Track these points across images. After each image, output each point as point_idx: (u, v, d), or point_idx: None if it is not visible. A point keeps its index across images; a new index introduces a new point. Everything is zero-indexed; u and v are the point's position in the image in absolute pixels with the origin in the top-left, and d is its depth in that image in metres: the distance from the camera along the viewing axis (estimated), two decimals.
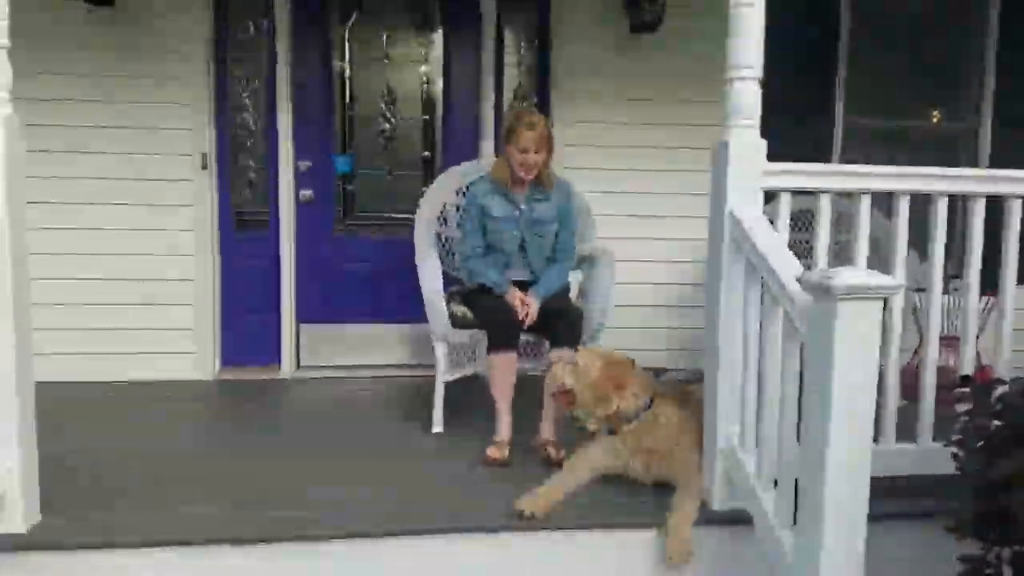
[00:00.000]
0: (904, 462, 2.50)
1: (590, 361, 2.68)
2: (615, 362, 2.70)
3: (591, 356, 2.72)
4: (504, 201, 3.24)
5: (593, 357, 2.70)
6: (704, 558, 2.41)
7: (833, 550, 1.87)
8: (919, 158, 4.76)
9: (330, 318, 4.43)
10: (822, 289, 1.84)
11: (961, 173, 2.61)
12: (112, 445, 3.06)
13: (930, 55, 4.77)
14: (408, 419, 3.49)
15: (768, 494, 2.21)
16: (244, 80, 4.23)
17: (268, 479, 2.72)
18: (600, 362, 2.67)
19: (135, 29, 3.95)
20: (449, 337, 3.24)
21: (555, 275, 3.28)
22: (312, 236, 4.37)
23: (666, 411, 2.66)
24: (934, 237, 2.52)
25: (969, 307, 2.56)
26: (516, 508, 2.43)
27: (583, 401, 2.66)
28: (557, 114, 4.25)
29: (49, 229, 3.90)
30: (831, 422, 1.84)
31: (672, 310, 4.46)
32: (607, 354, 2.76)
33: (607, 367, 2.66)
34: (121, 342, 4.08)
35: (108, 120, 3.97)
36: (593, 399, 2.63)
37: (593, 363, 2.66)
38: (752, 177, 2.39)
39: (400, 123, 4.42)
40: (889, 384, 2.52)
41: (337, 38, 4.32)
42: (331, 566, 2.32)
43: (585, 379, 2.64)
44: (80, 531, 2.29)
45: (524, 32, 4.42)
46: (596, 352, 2.78)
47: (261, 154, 4.27)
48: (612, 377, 2.63)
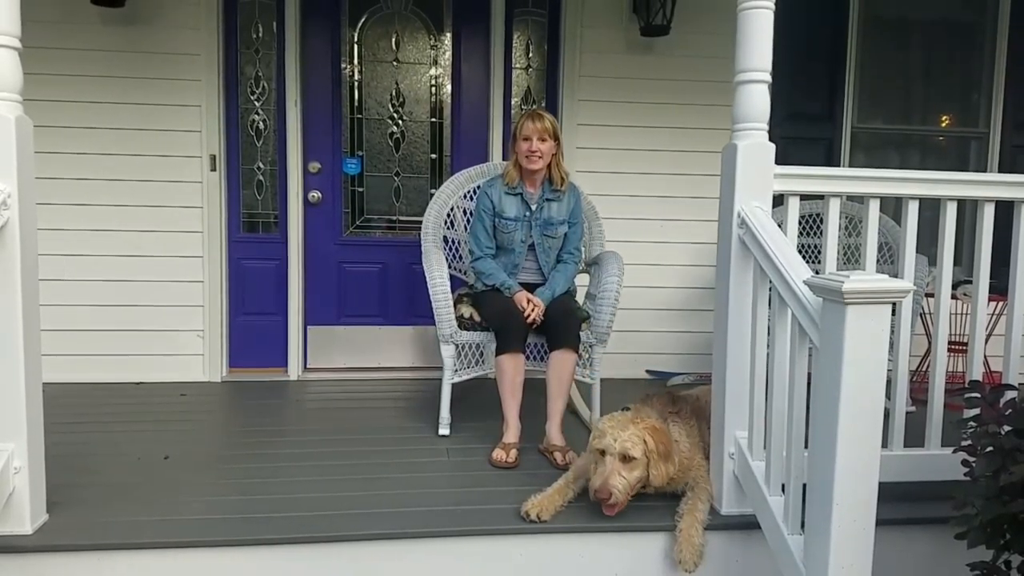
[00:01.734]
0: (913, 467, 2.49)
1: (633, 462, 2.38)
2: (654, 441, 2.40)
3: (632, 446, 2.37)
4: (517, 202, 3.25)
5: (633, 449, 2.37)
6: (713, 562, 2.41)
7: (841, 555, 1.86)
8: (929, 163, 4.80)
9: (338, 320, 4.45)
10: (831, 292, 1.84)
11: (970, 178, 2.60)
12: (119, 446, 3.07)
13: (940, 59, 4.76)
14: (415, 421, 3.50)
15: (776, 499, 2.20)
16: (254, 82, 4.24)
17: (274, 481, 2.72)
18: (639, 453, 2.36)
19: (145, 30, 3.98)
20: (456, 339, 3.24)
21: (561, 277, 3.29)
22: (321, 238, 4.39)
23: (677, 427, 2.62)
24: (943, 242, 2.51)
25: (978, 312, 2.54)
26: (522, 511, 2.43)
27: (635, 491, 2.44)
28: (566, 117, 4.25)
29: (58, 230, 3.93)
30: (839, 426, 1.83)
31: (680, 314, 4.46)
32: (636, 439, 2.38)
33: (649, 455, 2.39)
34: (129, 343, 4.10)
35: (118, 121, 4.00)
36: (641, 483, 2.45)
37: (634, 468, 2.38)
38: (761, 180, 2.39)
39: (409, 125, 4.43)
40: (898, 389, 2.51)
41: (347, 40, 4.33)
42: (335, 568, 2.32)
43: (634, 478, 2.39)
44: (86, 532, 2.29)
45: (534, 35, 4.42)
46: (627, 441, 2.38)
47: (270, 156, 4.29)
48: (661, 455, 2.41)
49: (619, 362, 4.24)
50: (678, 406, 2.71)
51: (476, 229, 3.30)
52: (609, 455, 2.37)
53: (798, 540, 2.06)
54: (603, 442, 2.39)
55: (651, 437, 2.39)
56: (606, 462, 2.38)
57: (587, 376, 3.35)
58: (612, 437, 2.38)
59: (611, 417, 2.48)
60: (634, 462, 2.37)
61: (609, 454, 2.37)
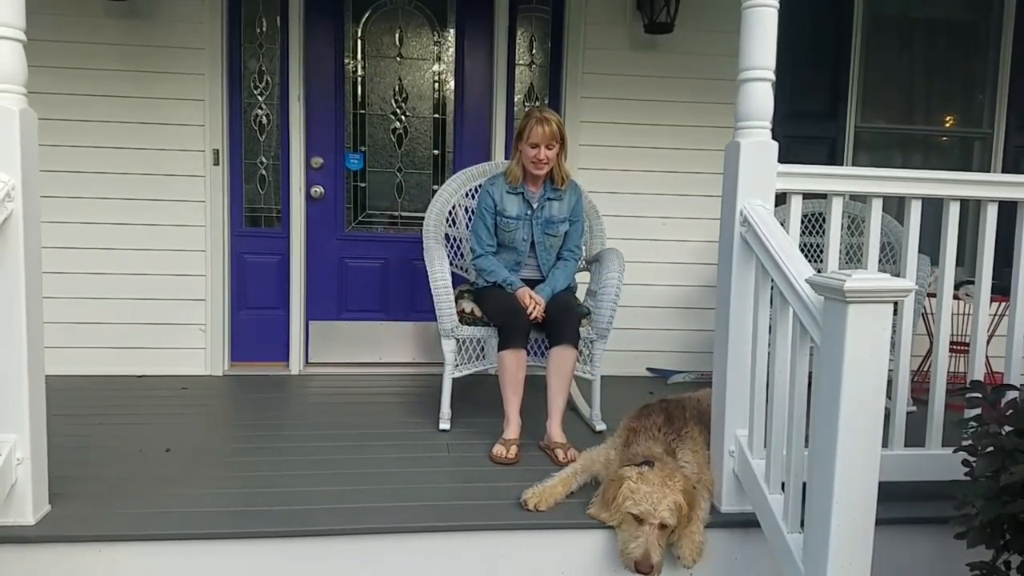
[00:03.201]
0: (913, 467, 2.50)
1: (668, 528, 2.28)
2: (687, 505, 2.31)
3: (670, 515, 2.26)
4: (519, 200, 3.26)
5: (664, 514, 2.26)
6: (712, 560, 2.41)
7: (841, 554, 1.86)
8: (932, 163, 4.79)
9: (339, 315, 4.45)
10: (833, 290, 1.84)
11: (973, 178, 2.60)
12: (121, 439, 3.08)
13: (944, 59, 4.75)
14: (416, 416, 3.50)
15: (776, 497, 2.20)
16: (257, 76, 4.24)
17: (275, 475, 2.73)
18: (668, 513, 2.26)
19: (149, 24, 3.98)
20: (457, 333, 3.24)
21: (561, 274, 3.30)
22: (323, 233, 4.39)
23: (683, 449, 2.56)
24: (945, 242, 2.51)
25: (980, 312, 2.54)
26: (521, 499, 2.45)
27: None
28: (569, 114, 4.25)
29: (61, 223, 3.94)
30: (840, 425, 1.83)
31: (681, 311, 4.46)
32: (675, 506, 2.27)
33: (681, 510, 2.29)
34: (132, 337, 4.11)
35: (121, 115, 4.00)
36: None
37: (668, 534, 2.29)
38: (763, 178, 2.39)
39: (412, 121, 4.43)
40: (899, 388, 2.51)
41: (350, 35, 4.33)
42: (334, 562, 2.33)
43: (665, 542, 2.30)
44: (88, 523, 2.30)
45: (537, 32, 4.42)
46: (666, 511, 2.26)
47: (273, 150, 4.29)
48: (689, 507, 2.33)
49: (620, 360, 4.24)
50: (677, 424, 2.61)
51: (478, 227, 3.30)
52: (648, 524, 2.24)
53: (798, 538, 2.06)
54: (640, 508, 2.24)
55: (684, 500, 2.29)
56: (644, 531, 2.24)
57: (588, 372, 3.35)
58: (651, 505, 2.24)
59: (642, 476, 2.30)
60: (668, 528, 2.27)
61: (648, 523, 2.24)
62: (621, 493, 2.30)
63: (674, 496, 2.27)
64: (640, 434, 2.57)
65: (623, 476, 2.34)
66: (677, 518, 2.27)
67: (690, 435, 2.60)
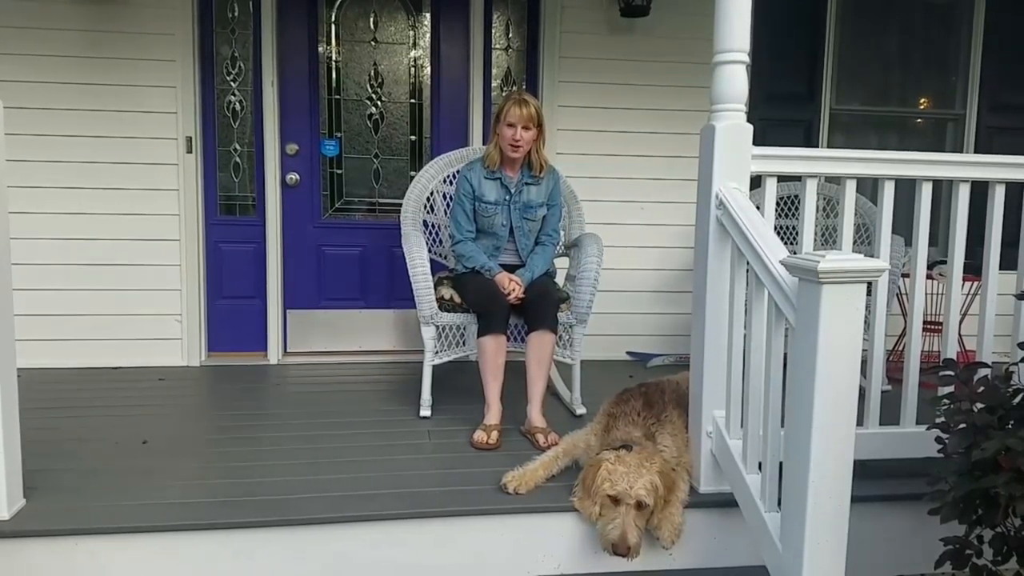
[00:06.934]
0: (888, 445, 2.54)
1: (646, 508, 2.29)
2: (664, 487, 2.33)
3: (647, 494, 2.27)
4: (497, 186, 3.25)
5: (646, 496, 2.28)
6: (691, 540, 2.44)
7: (817, 532, 1.89)
8: (906, 144, 4.83)
9: (317, 303, 4.43)
10: (807, 272, 1.85)
11: (946, 158, 2.61)
12: (97, 431, 3.04)
13: (917, 41, 4.79)
14: (396, 404, 3.50)
15: (754, 476, 2.23)
16: (230, 62, 4.19)
17: (254, 465, 2.72)
18: (644, 492, 2.27)
19: (117, 8, 3.90)
20: (436, 320, 3.23)
21: (540, 259, 3.30)
22: (299, 221, 4.35)
23: (663, 433, 2.56)
24: (918, 222, 2.54)
25: (953, 291, 2.57)
26: (501, 482, 2.46)
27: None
28: (547, 98, 4.24)
29: (31, 214, 3.88)
30: (815, 405, 1.85)
31: (659, 295, 4.48)
32: (651, 486, 2.28)
33: (658, 500, 2.31)
34: (106, 328, 4.06)
35: (92, 103, 3.93)
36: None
37: (646, 515, 2.30)
38: (739, 161, 2.39)
39: (388, 106, 4.39)
40: (873, 367, 2.54)
41: (324, 19, 4.28)
42: (314, 551, 2.32)
43: (643, 523, 2.31)
44: (64, 517, 2.28)
45: (514, 15, 4.39)
46: (642, 490, 2.27)
47: (247, 137, 4.24)
48: (667, 489, 2.35)
49: (600, 344, 4.26)
50: (656, 408, 2.63)
51: (456, 213, 3.29)
52: (624, 504, 2.25)
53: (775, 517, 2.08)
54: (617, 488, 2.26)
55: (662, 482, 2.31)
56: (620, 511, 2.25)
57: (568, 357, 3.36)
58: (627, 484, 2.25)
59: (619, 459, 2.32)
60: (646, 508, 2.28)
61: (625, 503, 2.25)
62: (599, 475, 2.31)
63: (650, 476, 2.29)
64: (620, 419, 2.58)
65: (601, 460, 2.36)
66: (654, 499, 2.29)
67: (669, 419, 2.61)
